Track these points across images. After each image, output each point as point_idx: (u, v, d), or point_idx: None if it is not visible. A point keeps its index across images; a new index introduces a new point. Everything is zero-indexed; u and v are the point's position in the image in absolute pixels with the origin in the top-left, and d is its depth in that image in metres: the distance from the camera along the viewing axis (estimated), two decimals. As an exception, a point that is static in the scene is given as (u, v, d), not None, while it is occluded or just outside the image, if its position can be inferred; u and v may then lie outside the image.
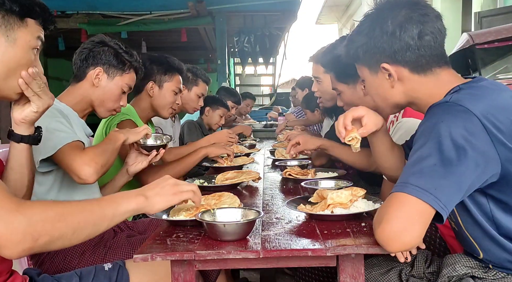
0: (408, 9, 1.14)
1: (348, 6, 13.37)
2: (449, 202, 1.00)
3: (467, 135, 1.00)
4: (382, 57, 1.17)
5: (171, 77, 2.33)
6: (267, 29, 8.09)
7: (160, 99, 2.32)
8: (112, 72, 1.77)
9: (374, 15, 1.19)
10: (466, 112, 1.03)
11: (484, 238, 1.12)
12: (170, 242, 1.14)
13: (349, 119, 1.27)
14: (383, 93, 1.23)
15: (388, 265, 1.36)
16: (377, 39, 1.16)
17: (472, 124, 1.01)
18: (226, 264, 1.13)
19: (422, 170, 1.00)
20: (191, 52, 10.02)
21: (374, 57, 1.19)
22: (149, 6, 6.54)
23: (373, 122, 1.28)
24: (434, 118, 1.06)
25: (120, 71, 1.78)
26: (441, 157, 0.99)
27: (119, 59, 1.78)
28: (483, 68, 4.41)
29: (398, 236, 0.98)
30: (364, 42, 1.19)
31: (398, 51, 1.14)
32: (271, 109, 7.45)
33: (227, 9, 6.70)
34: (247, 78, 12.51)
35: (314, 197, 1.40)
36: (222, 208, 1.30)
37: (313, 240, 1.13)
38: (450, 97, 1.10)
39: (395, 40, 1.14)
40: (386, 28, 1.14)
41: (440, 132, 1.02)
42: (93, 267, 1.34)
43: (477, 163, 1.00)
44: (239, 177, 1.88)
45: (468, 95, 1.08)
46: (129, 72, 1.82)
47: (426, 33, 1.13)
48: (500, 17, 4.84)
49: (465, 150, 0.99)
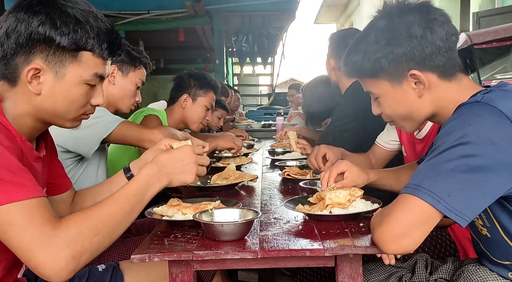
0: (424, 12, 1.09)
1: (347, 6, 13.37)
2: (468, 209, 0.93)
3: (497, 140, 0.93)
4: (411, 64, 1.09)
5: (205, 92, 2.47)
6: (265, 28, 8.11)
7: (191, 112, 2.45)
8: (126, 68, 1.90)
9: (387, 23, 1.11)
10: (499, 114, 0.96)
11: None
12: (168, 243, 1.14)
13: (333, 176, 1.36)
14: (409, 105, 1.14)
15: (387, 271, 1.34)
16: (404, 46, 1.08)
17: (504, 127, 0.95)
18: (224, 264, 1.13)
19: (439, 174, 0.94)
20: (188, 51, 10.01)
21: (401, 66, 1.10)
22: (147, 6, 6.55)
23: (353, 179, 1.35)
24: (461, 119, 0.99)
25: (132, 67, 1.91)
26: (462, 163, 0.93)
27: (130, 56, 1.89)
28: (481, 68, 4.41)
29: (397, 239, 0.96)
30: (388, 51, 1.10)
31: (429, 55, 1.08)
32: (269, 109, 7.45)
33: (225, 8, 6.70)
34: (245, 78, 12.52)
35: (313, 198, 1.39)
36: (220, 208, 1.29)
37: (311, 240, 1.12)
38: (481, 96, 1.02)
39: (427, 43, 1.07)
40: (414, 32, 1.07)
41: (465, 135, 0.94)
42: (86, 268, 1.34)
43: (507, 168, 0.93)
44: (235, 176, 1.87)
45: (501, 96, 1.00)
46: (140, 67, 1.93)
47: (451, 33, 1.09)
48: (498, 17, 4.85)
49: (492, 155, 0.92)
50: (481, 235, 1.16)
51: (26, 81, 0.99)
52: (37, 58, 0.99)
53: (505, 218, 1.05)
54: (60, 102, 1.03)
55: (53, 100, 1.03)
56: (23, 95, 1.02)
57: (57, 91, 1.02)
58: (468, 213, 0.94)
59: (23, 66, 0.99)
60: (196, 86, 2.45)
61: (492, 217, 1.09)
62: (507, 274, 1.12)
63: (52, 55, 0.99)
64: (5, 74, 1.01)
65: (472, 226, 1.19)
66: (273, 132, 4.48)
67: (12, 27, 0.97)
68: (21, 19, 0.96)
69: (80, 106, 1.08)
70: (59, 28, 0.98)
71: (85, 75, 1.04)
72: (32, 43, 0.97)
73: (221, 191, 1.77)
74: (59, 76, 1.01)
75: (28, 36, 0.97)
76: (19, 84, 1.01)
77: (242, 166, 2.33)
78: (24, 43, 0.97)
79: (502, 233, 1.09)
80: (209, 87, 2.48)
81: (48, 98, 1.02)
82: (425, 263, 1.32)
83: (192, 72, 2.53)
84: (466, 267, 1.19)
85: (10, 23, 0.97)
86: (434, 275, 1.25)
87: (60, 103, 1.04)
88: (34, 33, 0.97)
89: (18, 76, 1.00)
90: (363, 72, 1.18)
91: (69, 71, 1.02)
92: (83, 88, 1.05)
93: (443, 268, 1.26)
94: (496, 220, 1.08)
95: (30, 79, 0.99)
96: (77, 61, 1.02)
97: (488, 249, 1.17)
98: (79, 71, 1.03)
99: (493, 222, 1.09)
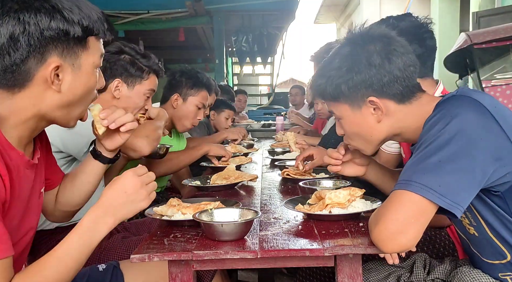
0: (385, 42, 1.13)
1: (346, 6, 13.37)
2: (460, 198, 0.97)
3: (479, 129, 0.98)
4: (369, 91, 1.13)
5: (197, 92, 2.40)
6: (265, 28, 8.11)
7: (182, 112, 2.40)
8: (131, 81, 1.77)
9: (350, 50, 1.15)
10: (475, 102, 1.01)
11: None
12: (168, 242, 1.14)
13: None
14: (368, 129, 1.18)
15: (386, 270, 1.35)
16: (364, 73, 1.12)
17: (484, 116, 0.99)
18: (224, 264, 1.13)
19: (427, 167, 0.98)
20: (189, 51, 10.01)
21: (360, 92, 1.14)
22: (147, 5, 6.54)
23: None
24: (441, 113, 1.03)
25: (139, 79, 1.78)
26: (447, 153, 0.97)
27: (136, 67, 1.77)
28: (481, 68, 4.41)
29: (394, 238, 0.98)
30: (349, 77, 1.14)
31: (387, 84, 1.12)
32: (269, 108, 7.45)
33: (225, 8, 6.70)
34: (245, 78, 12.51)
35: (313, 199, 1.39)
36: (220, 208, 1.29)
37: (311, 240, 1.12)
38: (455, 91, 1.08)
39: (384, 72, 1.11)
40: (373, 61, 1.11)
41: (447, 126, 0.99)
42: (87, 268, 1.34)
43: (491, 155, 0.97)
44: (235, 176, 1.88)
45: (472, 90, 1.06)
46: (148, 77, 1.81)
47: (408, 64, 1.13)
48: (498, 17, 4.85)
49: (476, 144, 0.96)
50: (469, 235, 1.18)
51: (41, 82, 0.95)
52: (53, 55, 0.95)
53: (489, 215, 1.08)
54: (79, 94, 1.02)
55: (73, 94, 1.00)
56: (30, 99, 0.96)
57: (77, 84, 1.00)
58: (460, 201, 0.96)
59: (37, 68, 0.94)
60: (188, 86, 2.39)
61: (477, 215, 1.11)
62: (497, 274, 1.13)
63: (67, 48, 0.96)
64: (8, 84, 0.95)
65: (460, 226, 1.20)
66: (273, 132, 4.48)
67: (18, 30, 0.91)
68: (26, 19, 0.91)
69: (94, 92, 1.07)
70: (69, 19, 0.95)
71: (96, 60, 1.04)
72: (46, 41, 0.93)
73: (220, 191, 1.77)
74: (76, 68, 0.99)
75: (40, 35, 0.92)
76: (28, 88, 0.96)
77: (241, 166, 2.33)
78: (37, 44, 0.93)
79: (488, 232, 1.11)
80: (201, 86, 2.42)
81: (68, 93, 0.99)
82: (424, 262, 1.32)
83: (184, 70, 2.46)
84: (460, 269, 1.20)
85: (14, 28, 0.91)
86: (431, 275, 1.26)
87: (78, 95, 1.02)
88: (47, 30, 0.93)
89: (30, 80, 0.95)
90: (326, 95, 1.22)
91: (83, 60, 1.00)
92: (96, 74, 1.06)
93: (440, 268, 1.27)
94: (482, 218, 1.10)
95: (53, 78, 0.96)
96: (86, 48, 1.01)
97: (477, 249, 1.18)
98: (89, 58, 1.01)
99: (479, 220, 1.11)
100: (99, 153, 1.24)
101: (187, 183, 1.91)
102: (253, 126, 4.98)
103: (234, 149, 2.73)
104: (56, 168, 1.28)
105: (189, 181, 1.93)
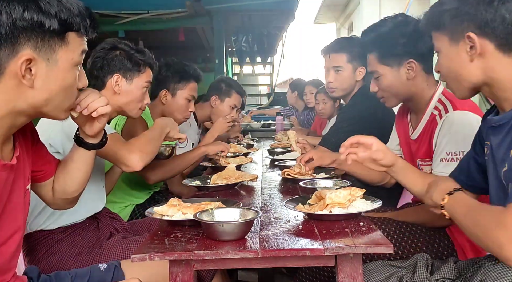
0: None
1: (346, 6, 13.37)
2: None
3: None
4: (470, 26, 1.08)
5: (185, 85, 2.38)
6: (265, 28, 8.10)
7: (172, 107, 2.39)
8: (130, 75, 1.77)
9: None
10: None
11: None
12: (168, 242, 1.14)
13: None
14: (459, 67, 1.13)
15: (387, 271, 1.34)
16: (470, 6, 1.07)
17: None
18: (224, 264, 1.13)
19: None
20: (189, 51, 10.00)
21: (462, 25, 1.09)
22: (147, 5, 6.53)
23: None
24: None
25: (136, 73, 1.79)
26: None
27: (133, 61, 1.78)
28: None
29: None
30: (455, 6, 1.10)
31: (490, 22, 1.05)
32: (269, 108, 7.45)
33: (225, 8, 6.68)
34: (245, 78, 12.50)
35: (313, 199, 1.39)
36: (221, 208, 1.29)
37: (311, 240, 1.13)
38: None
39: (491, 9, 1.05)
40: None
41: None
42: (88, 268, 1.34)
43: None
44: (235, 176, 1.88)
45: None
46: (144, 70, 1.82)
47: None
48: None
49: None
50: None
51: (12, 76, 0.91)
52: (26, 48, 0.91)
53: None
54: (55, 91, 0.97)
55: (48, 91, 0.96)
56: (2, 94, 0.92)
57: (52, 80, 0.95)
58: None
59: (8, 60, 0.90)
60: (175, 80, 2.36)
61: None
62: None
63: (41, 41, 0.92)
64: None
65: None
66: (273, 132, 4.48)
67: None
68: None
69: (74, 91, 1.03)
70: (45, 10, 0.91)
71: (76, 57, 0.99)
72: (18, 32, 0.89)
73: (221, 191, 1.77)
74: (52, 64, 0.95)
75: (12, 25, 0.88)
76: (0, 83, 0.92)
77: (242, 166, 2.33)
78: (9, 34, 0.88)
79: None
80: (188, 78, 2.39)
81: (42, 89, 0.95)
82: (426, 263, 1.31)
83: (170, 63, 2.42)
84: (482, 264, 1.16)
85: None
86: (435, 275, 1.24)
87: (55, 93, 0.97)
88: (19, 21, 0.89)
89: (2, 73, 0.91)
90: (430, 24, 1.19)
91: (60, 56, 0.96)
92: (75, 72, 1.01)
93: (445, 268, 1.25)
94: None
95: (24, 72, 0.91)
96: (65, 43, 0.96)
97: None
98: (68, 54, 0.97)
99: None
100: (81, 140, 1.22)
101: (187, 183, 1.91)
102: (253, 126, 4.98)
103: (234, 149, 2.73)
104: (48, 157, 1.25)
105: (189, 181, 1.93)
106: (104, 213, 1.80)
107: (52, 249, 1.56)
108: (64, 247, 1.57)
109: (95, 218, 1.73)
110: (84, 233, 1.64)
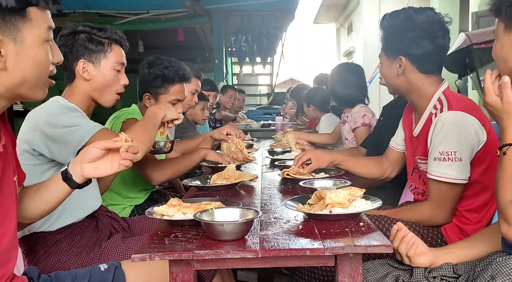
0: None
1: (346, 6, 13.38)
2: None
3: None
4: None
5: (166, 89, 2.24)
6: (265, 28, 8.10)
7: None
8: (96, 58, 1.66)
9: None
10: None
11: None
12: (168, 242, 1.14)
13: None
14: (510, 54, 1.15)
15: (384, 270, 1.34)
16: None
17: None
18: (224, 264, 1.13)
19: None
20: (188, 51, 10.01)
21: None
22: (146, 5, 6.53)
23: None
24: None
25: (102, 53, 1.67)
26: None
27: (95, 42, 1.66)
28: (480, 68, 4.41)
29: None
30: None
31: None
32: (269, 108, 7.45)
33: (224, 8, 6.69)
34: (245, 78, 12.51)
35: (313, 199, 1.39)
36: (221, 207, 1.29)
37: (311, 239, 1.13)
38: None
39: None
40: None
41: None
42: (89, 268, 1.34)
43: None
44: (235, 176, 1.88)
45: None
46: (110, 49, 1.69)
47: None
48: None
49: None
50: None
51: None
52: None
53: None
54: (28, 69, 0.96)
55: (22, 70, 0.95)
56: None
57: (23, 58, 0.95)
58: None
59: None
60: (156, 85, 2.23)
61: None
62: None
63: (3, 21, 0.91)
64: None
65: None
66: (273, 132, 4.48)
67: None
68: None
69: (48, 67, 1.02)
70: None
71: (42, 33, 0.98)
72: None
73: (221, 191, 1.78)
74: (19, 42, 0.94)
75: None
76: None
77: (241, 166, 2.33)
78: None
79: None
80: (170, 82, 2.24)
81: (15, 70, 0.94)
82: None
83: (152, 63, 2.25)
84: (493, 258, 1.14)
85: None
86: (433, 273, 1.25)
87: (29, 71, 0.96)
88: None
89: None
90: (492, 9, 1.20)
91: (26, 34, 0.94)
92: (47, 47, 1.00)
93: (443, 266, 1.26)
94: None
95: None
96: (28, 20, 0.95)
97: None
98: (34, 31, 0.96)
99: None
100: (69, 176, 1.16)
101: (187, 183, 1.91)
102: (252, 126, 4.98)
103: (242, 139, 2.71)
104: (20, 167, 1.21)
105: (189, 181, 1.93)
106: (102, 211, 1.80)
107: (51, 249, 1.56)
108: (63, 247, 1.57)
109: (93, 218, 1.73)
110: (83, 233, 1.64)
